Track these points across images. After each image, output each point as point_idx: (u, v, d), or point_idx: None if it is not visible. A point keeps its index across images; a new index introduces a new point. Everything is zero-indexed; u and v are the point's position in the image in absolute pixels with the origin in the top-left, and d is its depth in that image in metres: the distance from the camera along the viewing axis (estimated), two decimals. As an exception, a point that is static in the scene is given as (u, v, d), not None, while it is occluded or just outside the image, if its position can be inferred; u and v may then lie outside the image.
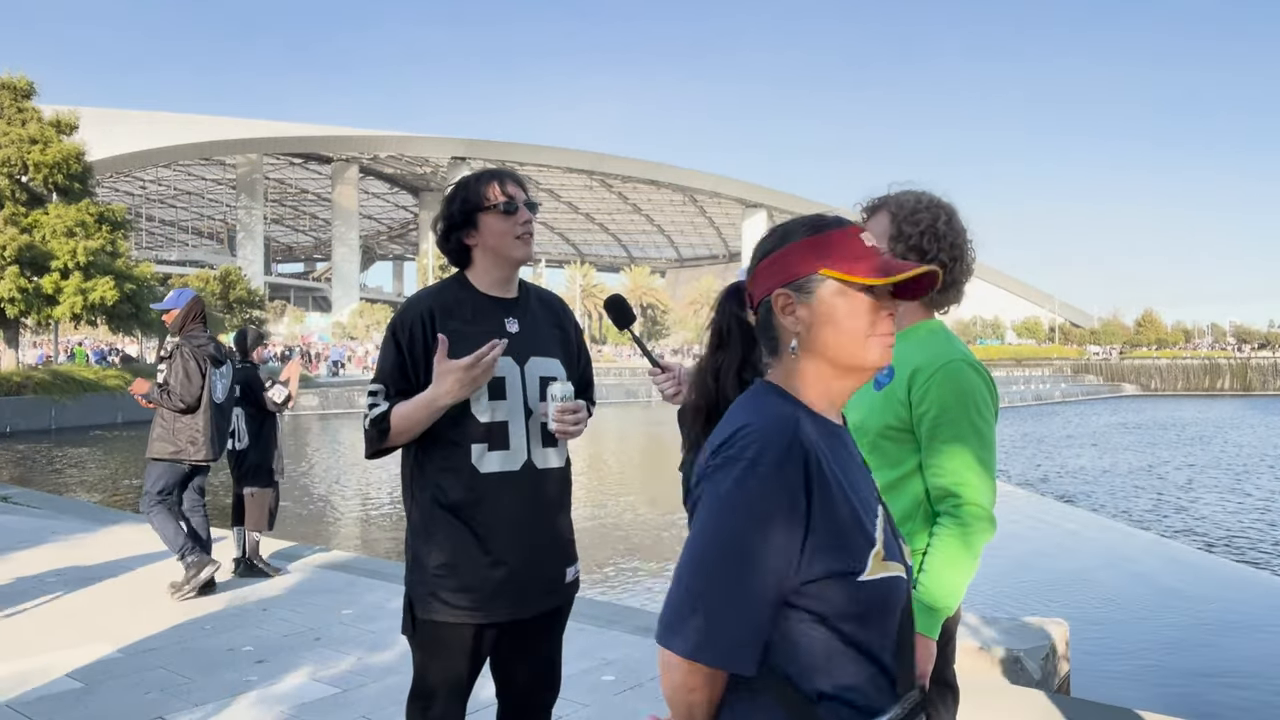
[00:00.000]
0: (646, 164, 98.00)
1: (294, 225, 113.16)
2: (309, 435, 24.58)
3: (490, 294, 2.26)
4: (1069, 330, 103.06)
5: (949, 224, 1.97)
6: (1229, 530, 11.33)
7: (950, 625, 1.96)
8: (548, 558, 2.25)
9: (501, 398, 2.18)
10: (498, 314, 2.24)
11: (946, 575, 1.86)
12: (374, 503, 13.24)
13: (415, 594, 2.20)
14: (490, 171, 2.29)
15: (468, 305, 2.23)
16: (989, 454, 1.90)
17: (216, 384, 5.80)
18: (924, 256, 1.94)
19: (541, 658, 2.34)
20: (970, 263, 2.01)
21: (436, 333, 2.14)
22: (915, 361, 1.93)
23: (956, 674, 2.01)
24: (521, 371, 2.21)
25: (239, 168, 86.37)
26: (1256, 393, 50.24)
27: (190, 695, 3.95)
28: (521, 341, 2.23)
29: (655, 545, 10.22)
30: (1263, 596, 8.48)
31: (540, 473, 2.23)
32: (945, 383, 1.89)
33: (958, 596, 1.88)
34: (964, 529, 1.86)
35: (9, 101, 28.29)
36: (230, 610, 5.36)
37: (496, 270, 2.25)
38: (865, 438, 1.98)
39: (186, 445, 5.66)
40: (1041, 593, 8.02)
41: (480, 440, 2.15)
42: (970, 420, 1.88)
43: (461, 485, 2.15)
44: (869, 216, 2.05)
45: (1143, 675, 6.06)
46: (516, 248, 2.23)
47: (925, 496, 1.94)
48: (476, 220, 2.22)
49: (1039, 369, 59.53)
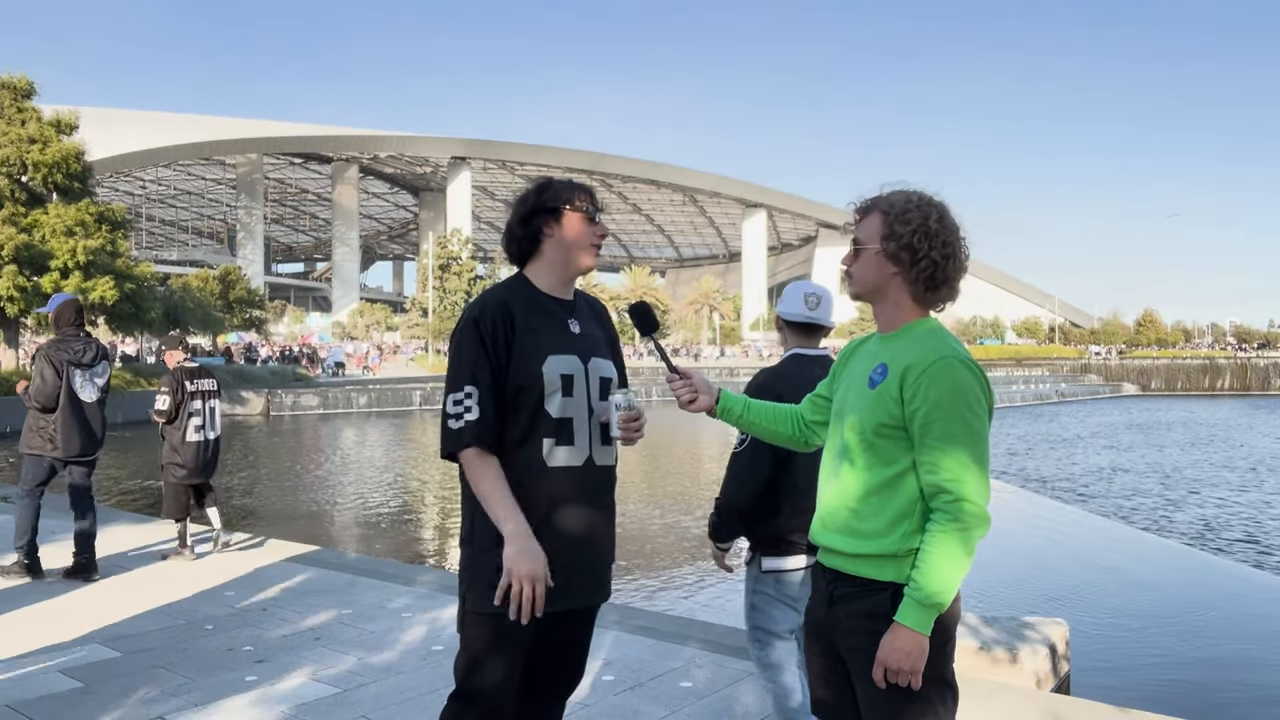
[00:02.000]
0: (646, 164, 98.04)
1: (294, 225, 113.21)
2: (309, 435, 24.58)
3: (554, 295, 2.33)
4: (1069, 330, 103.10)
5: (940, 222, 1.98)
6: (1229, 530, 11.33)
7: (950, 623, 1.97)
8: (600, 552, 2.33)
9: (570, 395, 2.25)
10: (561, 315, 2.32)
11: (940, 571, 1.87)
12: (374, 503, 13.25)
13: (475, 584, 2.21)
14: (581, 184, 2.37)
15: (534, 305, 2.30)
16: (982, 450, 1.92)
17: (84, 385, 6.11)
18: (916, 255, 1.96)
19: (574, 650, 2.38)
20: (964, 260, 2.02)
21: (515, 328, 2.20)
22: (908, 359, 1.95)
23: (955, 673, 2.01)
24: (585, 371, 2.29)
25: (239, 168, 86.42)
26: (1256, 393, 50.24)
27: (190, 695, 3.95)
28: (584, 343, 2.32)
29: (655, 545, 10.22)
30: (1263, 596, 8.48)
31: (599, 469, 2.31)
32: (937, 379, 1.90)
33: (951, 593, 1.89)
34: (957, 525, 1.88)
35: (9, 101, 28.26)
36: (230, 610, 5.36)
37: (561, 271, 2.32)
38: (860, 436, 1.99)
39: (45, 442, 6.02)
40: (1041, 593, 8.03)
41: (551, 435, 2.23)
42: (962, 417, 1.90)
43: (531, 477, 2.21)
44: (861, 217, 2.06)
45: (1143, 675, 6.07)
46: (587, 254, 2.33)
47: (920, 494, 1.95)
48: (561, 214, 2.28)
49: (1039, 369, 59.54)
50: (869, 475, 1.98)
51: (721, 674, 4.19)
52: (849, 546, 1.99)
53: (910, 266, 1.97)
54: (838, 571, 2.03)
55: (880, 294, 2.04)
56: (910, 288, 2.00)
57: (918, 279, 1.98)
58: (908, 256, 1.97)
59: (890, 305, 2.04)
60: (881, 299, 2.05)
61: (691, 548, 10.00)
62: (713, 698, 3.92)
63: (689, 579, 8.71)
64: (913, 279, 1.98)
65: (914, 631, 1.88)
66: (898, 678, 1.89)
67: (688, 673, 4.21)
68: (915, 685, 1.89)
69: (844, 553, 2.00)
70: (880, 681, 1.91)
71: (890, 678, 1.90)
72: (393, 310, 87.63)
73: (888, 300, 2.04)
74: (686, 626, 5.10)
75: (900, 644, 1.88)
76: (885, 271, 2.00)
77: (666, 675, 4.18)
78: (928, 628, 1.88)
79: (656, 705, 3.84)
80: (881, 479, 1.96)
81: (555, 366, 2.22)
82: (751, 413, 2.30)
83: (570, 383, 2.24)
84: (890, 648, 1.89)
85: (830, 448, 2.13)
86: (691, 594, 8.09)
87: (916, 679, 1.89)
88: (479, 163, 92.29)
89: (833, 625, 2.03)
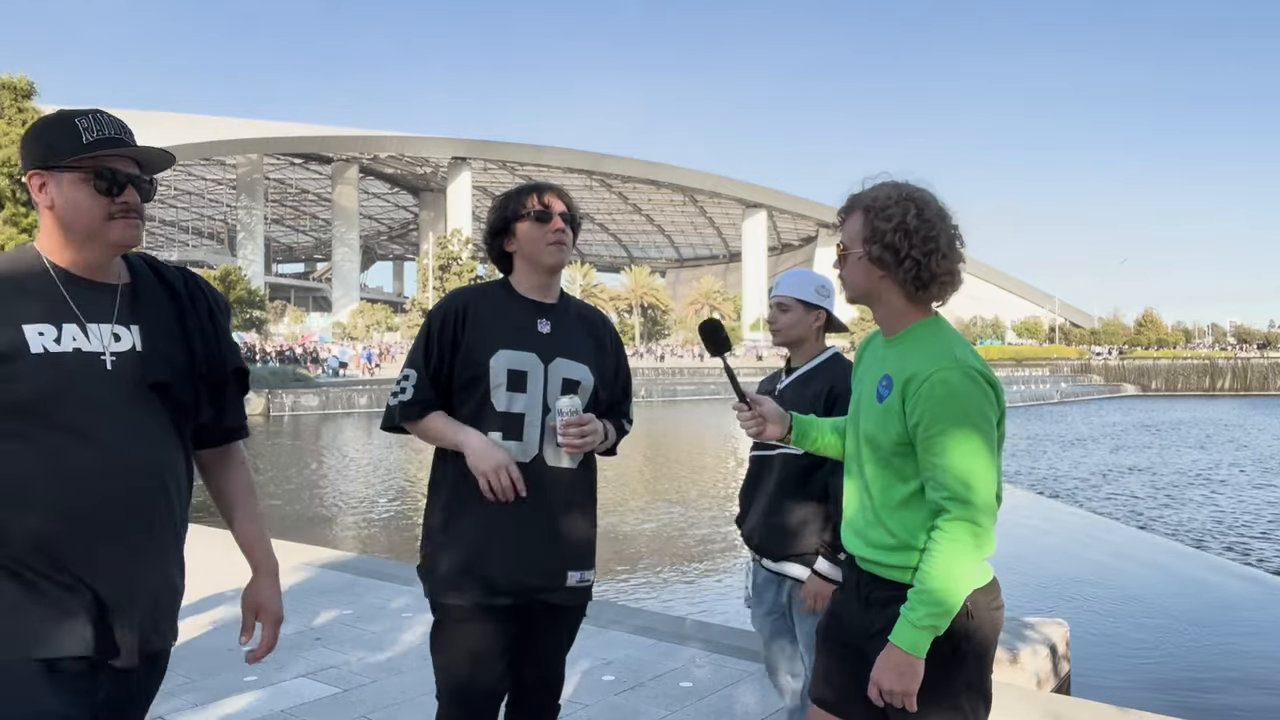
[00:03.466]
0: (646, 164, 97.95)
1: (294, 225, 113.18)
2: (309, 436, 24.58)
3: (529, 297, 2.38)
4: (1069, 330, 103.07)
5: (919, 217, 1.88)
6: (1230, 531, 11.33)
7: (986, 633, 1.90)
8: (545, 552, 2.28)
9: (521, 390, 2.27)
10: (532, 314, 2.35)
11: (936, 591, 1.80)
12: (374, 503, 13.25)
13: (430, 574, 2.32)
14: (534, 184, 2.45)
15: (503, 304, 2.36)
16: (985, 462, 1.83)
17: None
18: (899, 256, 1.88)
19: (541, 655, 2.37)
20: (952, 252, 1.91)
21: (466, 325, 2.28)
22: (909, 370, 1.88)
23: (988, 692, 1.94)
24: (545, 370, 2.29)
25: (239, 168, 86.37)
26: (1257, 393, 50.22)
27: (190, 695, 3.96)
28: (551, 342, 2.33)
29: (656, 545, 10.22)
30: (1263, 596, 8.48)
31: (550, 469, 2.28)
32: (935, 392, 1.83)
33: (948, 613, 1.81)
34: (956, 543, 1.81)
35: (9, 101, 28.27)
36: (230, 610, 5.36)
37: (534, 275, 2.38)
38: (875, 452, 1.94)
39: None
40: (1041, 593, 8.03)
41: (498, 428, 2.25)
42: (963, 429, 1.82)
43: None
44: (845, 218, 1.98)
45: (1143, 675, 6.07)
46: (548, 254, 2.35)
47: None
48: (513, 228, 2.36)
49: (1039, 369, 59.52)
50: (892, 489, 1.92)
51: (721, 674, 4.19)
52: (883, 558, 1.93)
53: (895, 268, 1.89)
54: (873, 575, 1.97)
55: (873, 297, 1.97)
56: (901, 289, 1.92)
57: (905, 280, 1.89)
58: (891, 258, 1.88)
59: (885, 308, 1.97)
60: (875, 302, 1.97)
61: (692, 548, 10.00)
62: (713, 698, 3.92)
63: (689, 579, 8.71)
64: (900, 280, 1.90)
65: (905, 652, 1.81)
66: (891, 698, 1.83)
67: (688, 673, 4.21)
68: (910, 707, 1.82)
69: (879, 563, 1.94)
70: (877, 700, 1.85)
71: (885, 698, 1.84)
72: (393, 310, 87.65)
73: (882, 303, 1.97)
74: (686, 626, 5.10)
75: (893, 665, 1.82)
76: (873, 275, 1.93)
77: (666, 675, 4.18)
78: (922, 650, 1.81)
79: (656, 705, 3.84)
80: (905, 493, 1.90)
81: (504, 361, 2.25)
82: (821, 433, 2.20)
83: (522, 379, 2.26)
84: (883, 669, 1.83)
85: (850, 459, 2.06)
86: (691, 594, 8.09)
87: (910, 701, 1.82)
88: (479, 163, 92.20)
89: (866, 626, 1.95)
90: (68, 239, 1.68)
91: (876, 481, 1.95)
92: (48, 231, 1.69)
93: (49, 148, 1.65)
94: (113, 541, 1.63)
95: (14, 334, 1.58)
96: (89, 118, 1.66)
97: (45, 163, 1.65)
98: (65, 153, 1.64)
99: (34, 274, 1.66)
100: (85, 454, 1.60)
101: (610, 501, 12.94)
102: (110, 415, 1.64)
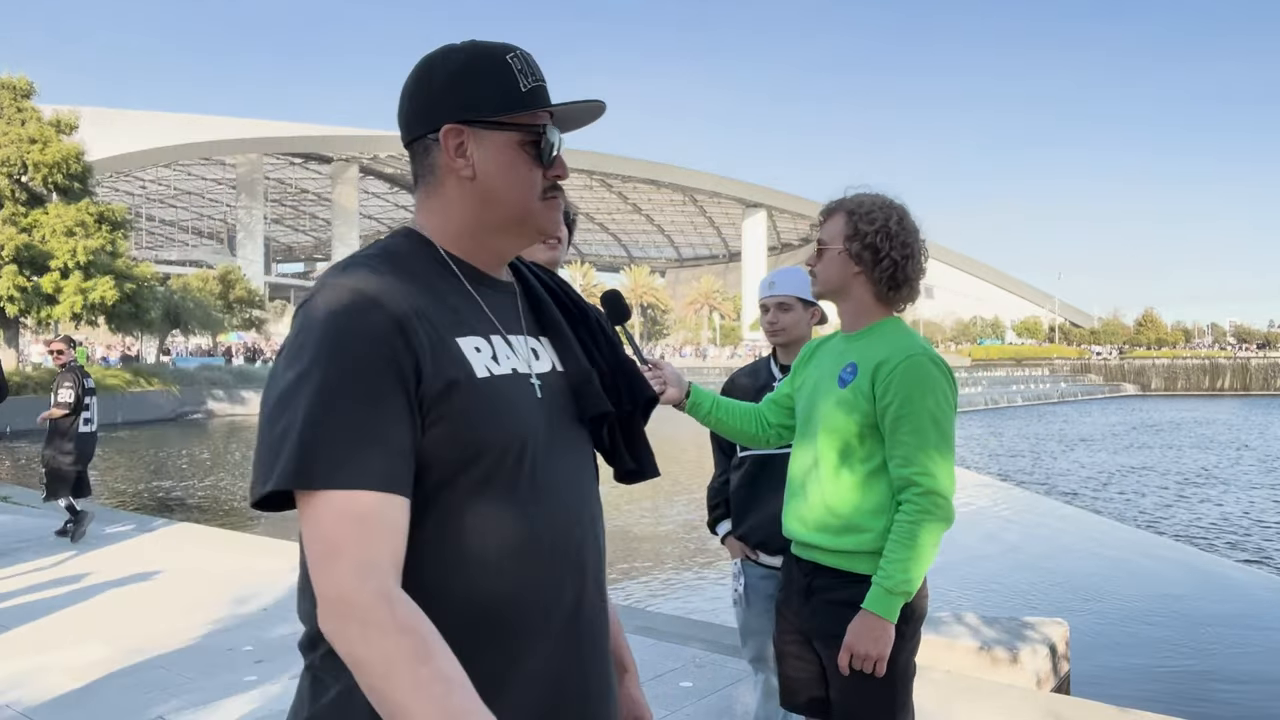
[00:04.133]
0: (646, 164, 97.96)
1: (294, 225, 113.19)
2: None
3: None
4: (1069, 330, 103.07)
5: (900, 224, 2.06)
6: (1229, 530, 11.33)
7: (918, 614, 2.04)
8: None
9: None
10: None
11: (909, 560, 1.93)
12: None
13: None
14: None
15: None
16: (949, 445, 2.01)
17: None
18: (878, 255, 2.04)
19: None
20: (923, 262, 2.11)
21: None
22: (878, 356, 2.02)
23: (915, 665, 2.07)
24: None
25: (239, 168, 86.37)
26: (1257, 392, 50.23)
27: (190, 695, 3.95)
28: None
29: (656, 545, 10.22)
30: (1263, 596, 8.48)
31: None
32: (908, 376, 1.98)
33: (917, 581, 1.96)
34: (928, 517, 1.95)
35: (9, 101, 28.27)
36: (230, 610, 5.36)
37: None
38: (834, 435, 2.05)
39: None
40: (1041, 593, 8.03)
41: None
42: (932, 413, 1.98)
43: None
44: (826, 218, 2.14)
45: (1143, 675, 6.07)
46: (542, 251, 2.33)
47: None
48: None
49: (1039, 369, 59.55)
50: (846, 472, 2.04)
51: (721, 674, 4.19)
52: (829, 542, 2.04)
53: (873, 266, 2.06)
54: (816, 564, 2.09)
55: (844, 293, 2.12)
56: (873, 287, 2.08)
57: (880, 278, 2.06)
58: (870, 256, 2.05)
59: (854, 304, 2.12)
60: (845, 298, 2.13)
61: (692, 548, 10.00)
62: (713, 698, 3.92)
63: (689, 579, 8.71)
64: (875, 278, 2.07)
65: (881, 618, 1.94)
66: (864, 663, 1.95)
67: (688, 673, 4.21)
68: (880, 671, 1.95)
69: (824, 548, 2.06)
70: (845, 668, 1.97)
71: (856, 663, 1.96)
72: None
73: (851, 299, 2.12)
74: (686, 626, 5.10)
75: (868, 630, 1.94)
76: (848, 271, 2.08)
77: (666, 675, 4.18)
78: (894, 615, 1.95)
79: (656, 705, 3.84)
80: (859, 476, 2.03)
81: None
82: (719, 410, 2.33)
83: None
84: (857, 634, 1.95)
85: (802, 446, 2.17)
86: (692, 594, 8.09)
87: (882, 665, 1.95)
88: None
89: (809, 615, 2.10)
90: (483, 221, 1.20)
91: (832, 465, 2.07)
92: (447, 210, 1.20)
93: (475, 94, 1.16)
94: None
95: (454, 352, 1.10)
96: (520, 56, 1.18)
97: (470, 115, 1.16)
98: (497, 104, 1.16)
99: (438, 268, 1.19)
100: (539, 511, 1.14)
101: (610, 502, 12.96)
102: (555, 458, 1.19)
